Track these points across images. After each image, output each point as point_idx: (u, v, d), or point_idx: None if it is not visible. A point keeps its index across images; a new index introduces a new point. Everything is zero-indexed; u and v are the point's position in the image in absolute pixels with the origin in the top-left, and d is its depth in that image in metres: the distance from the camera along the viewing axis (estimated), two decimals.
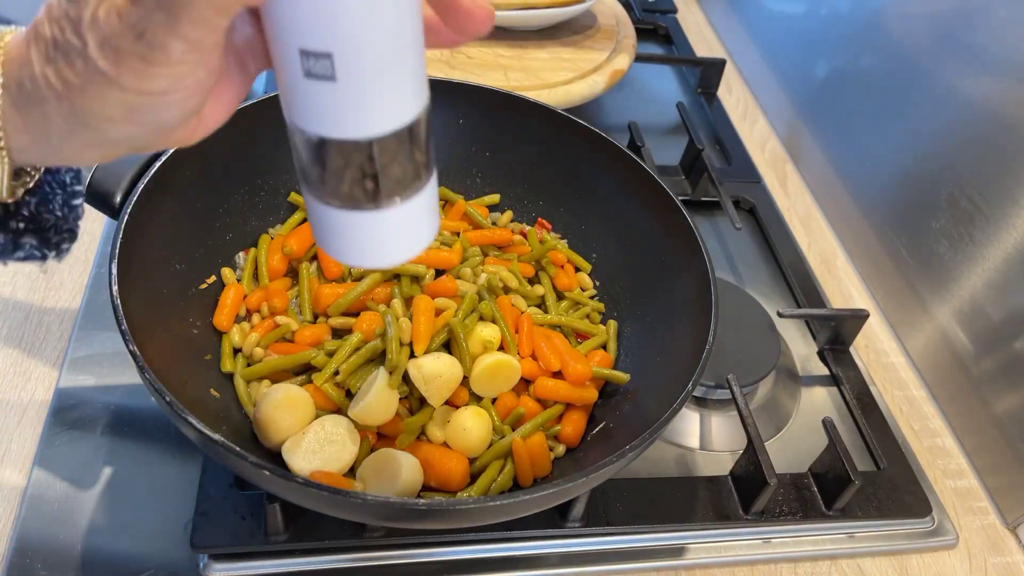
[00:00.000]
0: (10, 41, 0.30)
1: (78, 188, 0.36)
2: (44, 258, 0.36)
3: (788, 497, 0.63)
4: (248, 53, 0.32)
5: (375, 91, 0.30)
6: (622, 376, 0.61)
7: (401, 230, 0.34)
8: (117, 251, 0.49)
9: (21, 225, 0.36)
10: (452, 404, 0.58)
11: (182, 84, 0.28)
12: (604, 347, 0.65)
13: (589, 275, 0.70)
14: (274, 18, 0.28)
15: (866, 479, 0.65)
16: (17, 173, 0.35)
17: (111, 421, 0.61)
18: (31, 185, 0.36)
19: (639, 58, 1.03)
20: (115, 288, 0.47)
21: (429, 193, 0.35)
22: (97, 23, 0.27)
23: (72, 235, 0.37)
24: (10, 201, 0.35)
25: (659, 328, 0.63)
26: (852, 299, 0.86)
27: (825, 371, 0.76)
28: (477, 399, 0.59)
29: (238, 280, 0.63)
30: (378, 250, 0.35)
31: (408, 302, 0.61)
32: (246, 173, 0.65)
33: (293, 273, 0.66)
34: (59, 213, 0.36)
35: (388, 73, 0.29)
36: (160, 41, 0.27)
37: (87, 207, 0.56)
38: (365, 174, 0.32)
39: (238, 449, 0.42)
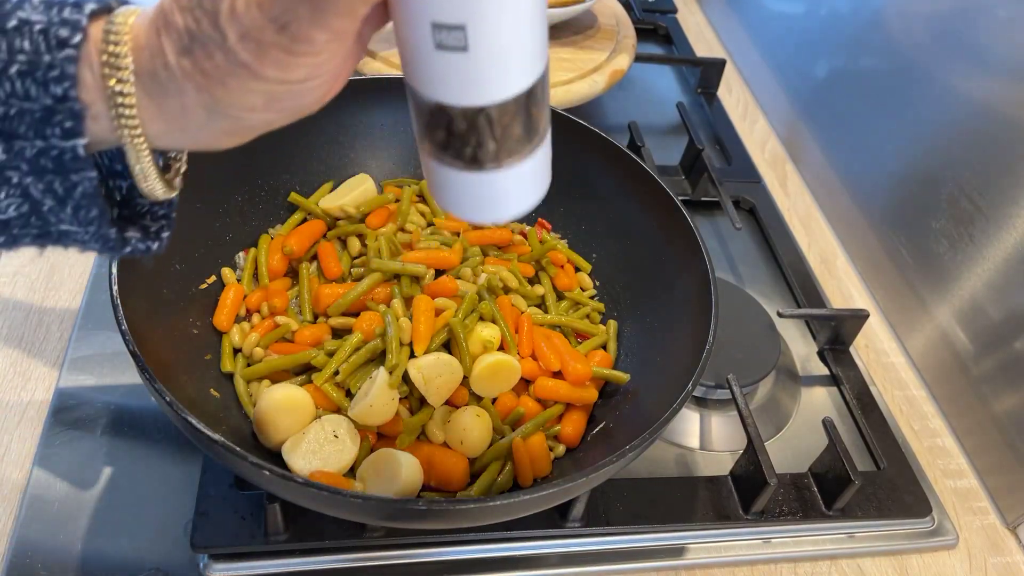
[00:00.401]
0: (136, 24, 0.29)
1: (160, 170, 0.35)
2: (149, 251, 0.35)
3: (788, 497, 0.63)
4: (365, 25, 0.31)
5: (504, 60, 0.31)
6: (622, 376, 0.61)
7: (520, 186, 0.36)
8: None
9: (123, 213, 0.35)
10: (452, 404, 0.58)
11: (321, 71, 0.29)
12: (604, 347, 0.65)
13: (589, 275, 0.70)
14: None
15: (866, 479, 0.65)
16: (166, 166, 0.35)
17: (111, 421, 0.61)
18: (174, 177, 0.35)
19: (639, 58, 1.03)
20: (115, 288, 0.47)
21: (546, 146, 0.36)
22: (236, 15, 0.27)
23: (170, 221, 0.36)
24: (172, 196, 0.35)
25: (659, 328, 0.63)
26: (852, 299, 0.86)
27: (825, 371, 0.76)
28: (477, 399, 0.59)
29: (238, 280, 0.63)
30: (497, 206, 0.36)
31: (408, 302, 0.61)
32: (246, 173, 0.65)
33: (293, 273, 0.66)
34: (149, 204, 0.35)
35: (516, 42, 0.31)
36: (304, 33, 0.27)
37: None
38: (488, 137, 0.33)
39: (238, 449, 0.42)
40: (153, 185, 0.33)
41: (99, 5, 0.29)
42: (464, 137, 0.33)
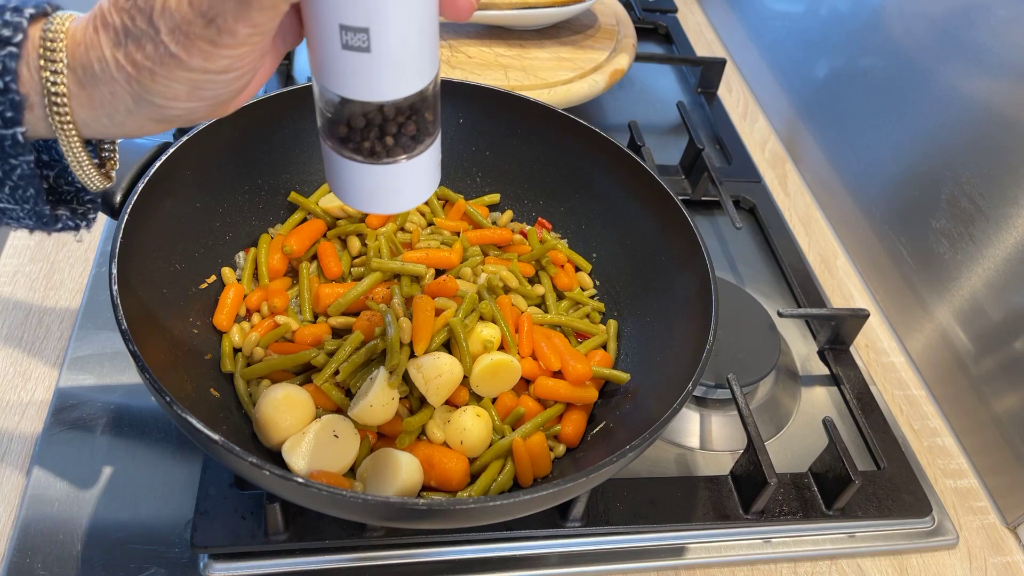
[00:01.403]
0: (72, 26, 0.33)
1: (94, 162, 0.39)
2: (77, 228, 0.39)
3: (788, 497, 0.63)
4: (279, 35, 0.36)
5: (402, 61, 0.34)
6: (622, 376, 0.61)
7: (413, 180, 0.40)
8: (117, 251, 0.49)
9: (51, 197, 0.39)
10: (452, 404, 0.58)
11: (241, 63, 0.32)
12: (604, 347, 0.65)
13: (589, 275, 0.70)
14: None
15: (866, 479, 0.65)
16: (101, 161, 0.39)
17: (111, 421, 0.61)
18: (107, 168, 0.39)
19: (639, 58, 1.03)
20: (115, 288, 0.47)
21: (435, 148, 0.40)
22: (168, 11, 0.30)
23: (95, 205, 0.40)
24: (103, 187, 0.38)
25: (659, 328, 0.63)
26: (852, 299, 0.86)
27: (825, 371, 0.76)
28: (477, 399, 0.59)
29: (238, 280, 0.63)
30: (390, 198, 0.40)
31: (408, 302, 0.61)
32: (246, 173, 0.65)
33: (293, 273, 0.66)
34: (77, 184, 0.39)
35: (414, 45, 0.34)
36: (229, 26, 0.30)
37: None
38: (385, 132, 0.37)
39: (238, 449, 0.42)
40: (88, 172, 0.37)
41: (37, 10, 0.33)
42: (363, 132, 0.37)
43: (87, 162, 0.36)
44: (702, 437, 0.68)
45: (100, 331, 0.67)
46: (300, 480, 0.42)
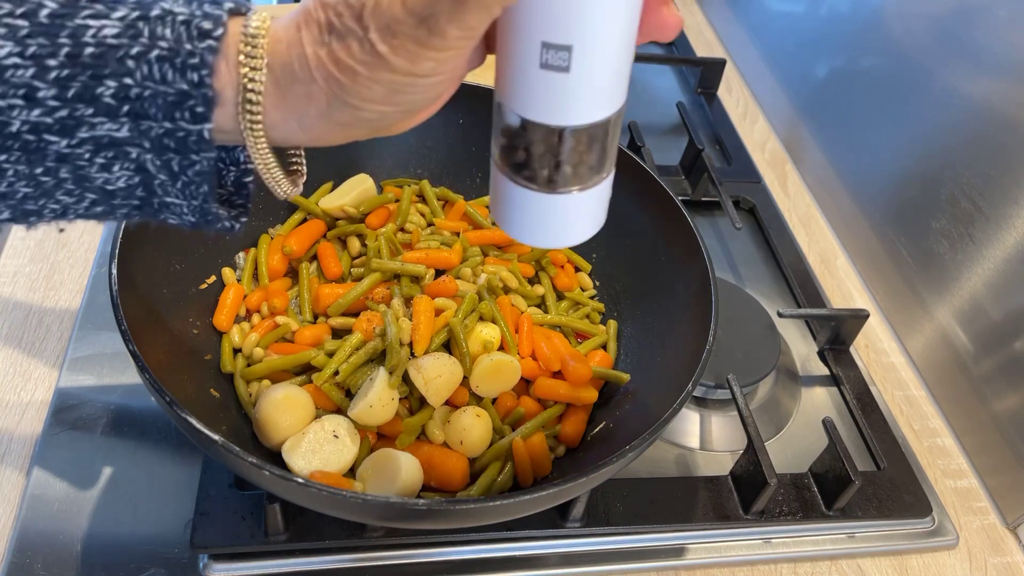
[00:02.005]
0: (275, 24, 0.32)
1: (250, 167, 0.38)
2: (232, 229, 0.38)
3: (788, 497, 0.63)
4: (475, 50, 0.35)
5: (599, 84, 0.33)
6: (622, 376, 0.61)
7: (584, 214, 0.38)
8: (117, 251, 0.49)
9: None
10: (452, 404, 0.58)
11: (444, 68, 0.31)
12: (604, 347, 0.65)
13: (589, 275, 0.70)
14: (524, 10, 0.31)
15: (866, 479, 0.65)
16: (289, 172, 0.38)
17: (111, 421, 0.61)
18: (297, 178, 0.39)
19: (639, 58, 1.03)
20: (115, 289, 0.47)
21: (609, 181, 0.38)
22: (380, 9, 0.29)
23: (246, 210, 0.39)
24: (291, 195, 0.38)
25: (659, 328, 0.63)
26: (852, 299, 0.86)
27: (825, 371, 0.76)
28: (477, 399, 0.59)
29: (238, 280, 0.63)
30: (559, 231, 0.39)
31: (408, 302, 0.61)
32: None
33: (293, 273, 0.66)
34: (231, 189, 0.38)
35: (612, 68, 0.33)
36: (441, 27, 0.29)
37: None
38: (566, 160, 0.35)
39: (238, 449, 0.42)
40: (276, 176, 0.36)
41: (236, 6, 0.32)
42: (543, 158, 0.35)
43: (274, 165, 0.35)
44: (702, 437, 0.68)
45: (100, 331, 0.67)
46: (300, 480, 0.42)
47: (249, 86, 0.31)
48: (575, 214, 0.38)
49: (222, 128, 0.33)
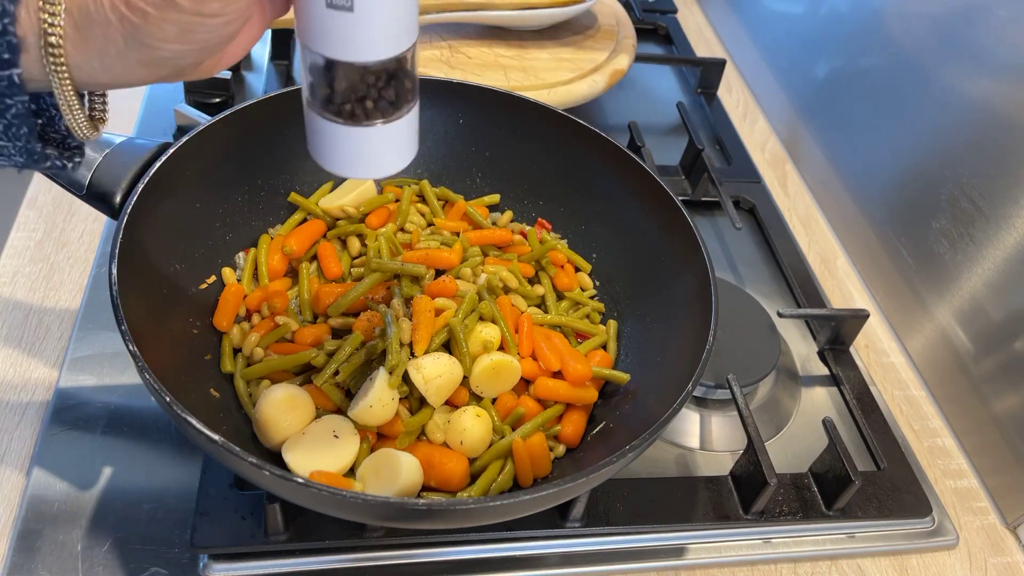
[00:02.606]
0: None
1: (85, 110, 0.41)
2: (64, 168, 0.41)
3: (788, 497, 0.63)
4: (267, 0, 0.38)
5: (383, 22, 0.36)
6: (622, 376, 0.61)
7: (390, 146, 0.42)
8: (117, 251, 0.49)
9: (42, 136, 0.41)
10: (452, 404, 0.58)
11: (230, 8, 0.35)
12: (604, 347, 0.65)
13: (589, 275, 0.70)
14: None
15: (866, 479, 0.65)
16: (91, 112, 0.41)
17: (111, 421, 0.61)
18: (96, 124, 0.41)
19: (639, 58, 1.03)
20: (115, 288, 0.47)
21: (413, 116, 0.42)
22: None
23: (80, 152, 0.42)
24: (92, 137, 0.41)
25: (659, 328, 0.63)
26: (852, 299, 0.86)
27: (825, 371, 0.76)
28: (477, 399, 0.59)
29: (238, 280, 0.63)
30: (371, 162, 0.42)
31: (408, 302, 0.61)
32: (246, 173, 0.65)
33: (293, 273, 0.66)
34: (64, 132, 0.41)
35: (395, 8, 0.36)
36: None
37: (88, 208, 0.56)
38: (364, 94, 0.39)
39: (238, 449, 0.42)
40: (77, 118, 0.38)
41: None
42: (344, 94, 0.39)
43: (76, 106, 0.38)
44: (702, 437, 0.68)
45: (100, 331, 0.67)
46: (300, 480, 0.42)
47: (49, 31, 0.34)
48: (382, 145, 0.41)
49: (32, 75, 0.35)
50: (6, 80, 0.35)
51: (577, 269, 0.70)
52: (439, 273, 0.64)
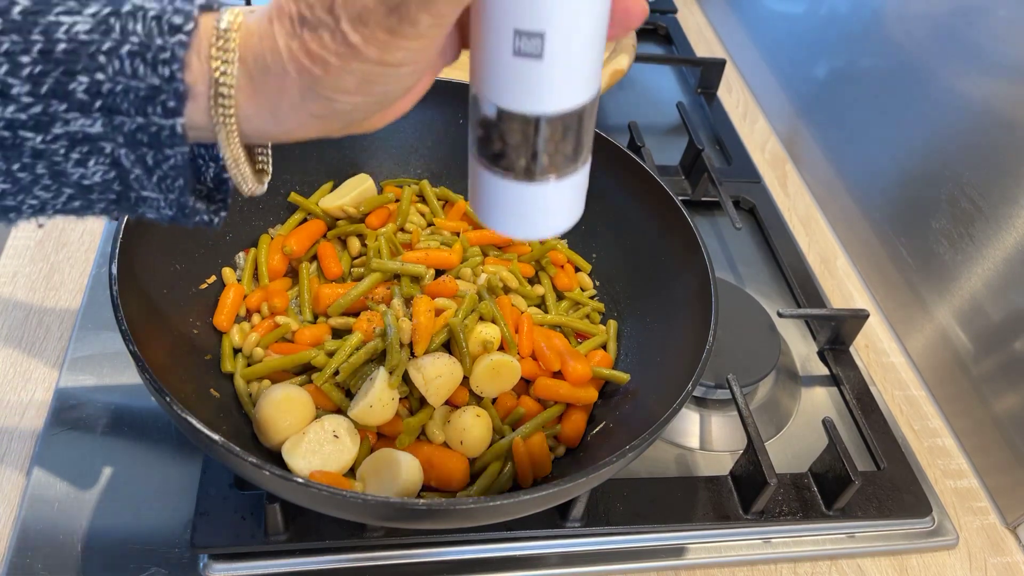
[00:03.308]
0: (248, 19, 0.33)
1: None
2: (211, 224, 0.38)
3: (788, 497, 0.63)
4: (448, 42, 0.35)
5: (571, 71, 0.33)
6: (622, 376, 0.61)
7: (562, 203, 0.38)
8: (117, 251, 0.49)
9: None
10: (452, 404, 0.58)
11: (416, 57, 0.32)
12: (604, 347, 0.65)
13: (589, 275, 0.70)
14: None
15: (866, 479, 0.65)
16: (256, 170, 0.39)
17: (111, 421, 0.61)
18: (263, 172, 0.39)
19: (639, 58, 1.03)
20: (115, 288, 0.47)
21: (586, 171, 0.39)
22: (351, 0, 0.30)
23: (225, 205, 0.39)
24: (256, 192, 0.38)
25: (659, 328, 0.63)
26: (852, 299, 0.86)
27: (825, 371, 0.76)
28: (477, 399, 0.59)
29: (238, 280, 0.63)
30: (537, 221, 0.39)
31: (408, 302, 0.61)
32: None
33: (293, 273, 0.66)
34: (211, 184, 0.39)
35: (585, 54, 0.33)
36: (412, 15, 0.29)
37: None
38: (542, 148, 0.36)
39: (238, 449, 0.42)
40: (243, 171, 0.36)
41: (207, 1, 0.33)
42: (519, 147, 0.36)
43: (243, 160, 0.35)
44: (702, 437, 0.68)
45: (100, 331, 0.67)
46: (300, 480, 0.42)
47: (220, 79, 0.32)
48: (553, 204, 0.38)
49: (195, 124, 0.33)
50: (168, 129, 0.32)
51: (577, 269, 0.70)
52: (439, 273, 0.64)
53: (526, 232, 0.39)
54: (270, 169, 0.39)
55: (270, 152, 0.39)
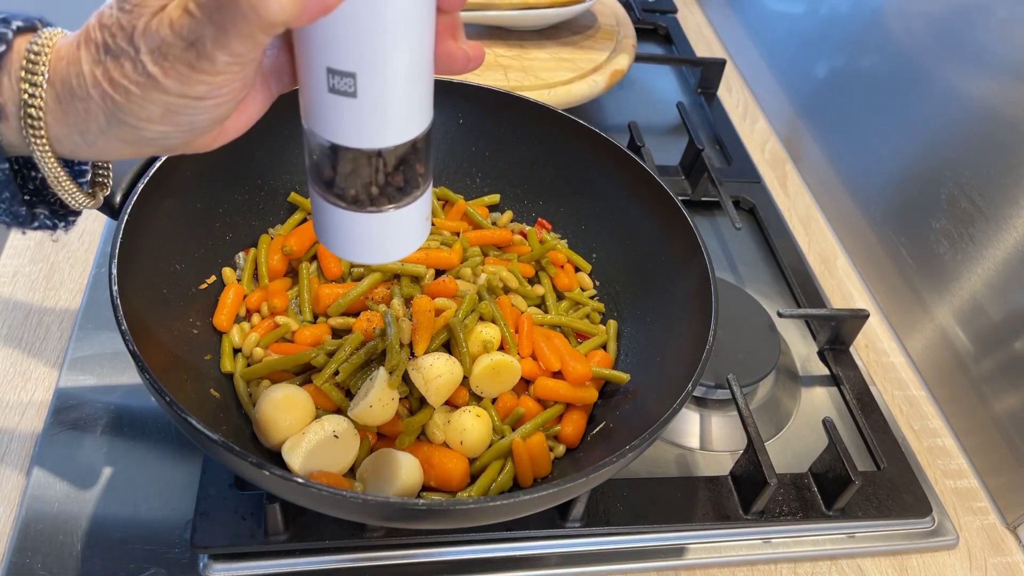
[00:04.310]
0: (60, 42, 0.33)
1: (84, 168, 0.39)
2: (55, 228, 0.39)
3: (788, 497, 0.63)
4: (273, 75, 0.36)
5: (388, 109, 0.34)
6: (622, 376, 0.61)
7: (397, 232, 0.39)
8: (117, 251, 0.49)
9: (32, 198, 0.40)
10: (452, 404, 0.58)
11: (219, 92, 0.32)
12: (604, 347, 0.65)
13: (589, 275, 0.70)
14: (307, 38, 0.32)
15: (866, 479, 0.65)
16: (92, 182, 0.40)
17: (111, 421, 0.61)
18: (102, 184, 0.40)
19: (639, 58, 1.03)
20: (115, 288, 0.47)
21: (424, 200, 0.39)
22: (150, 32, 0.30)
23: (76, 212, 0.40)
24: (88, 206, 0.39)
25: (659, 328, 0.63)
26: (852, 299, 0.86)
27: (825, 371, 0.76)
28: (477, 399, 0.59)
29: (238, 280, 0.63)
30: (375, 248, 0.39)
31: (408, 302, 0.61)
32: (246, 173, 0.65)
33: (293, 273, 0.66)
34: (50, 198, 0.39)
35: (401, 95, 0.34)
36: (208, 52, 0.30)
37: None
38: (371, 180, 0.36)
39: (238, 449, 0.42)
40: (67, 188, 0.37)
41: (25, 24, 0.33)
42: (348, 178, 0.36)
43: (63, 177, 0.36)
44: (702, 437, 0.68)
45: (100, 331, 0.67)
46: (300, 480, 0.42)
47: (29, 101, 0.33)
48: (390, 231, 0.38)
49: (10, 142, 0.34)
50: None
51: (577, 269, 0.70)
52: (439, 273, 0.64)
53: (366, 257, 0.39)
54: (110, 183, 0.40)
55: (110, 167, 0.40)
